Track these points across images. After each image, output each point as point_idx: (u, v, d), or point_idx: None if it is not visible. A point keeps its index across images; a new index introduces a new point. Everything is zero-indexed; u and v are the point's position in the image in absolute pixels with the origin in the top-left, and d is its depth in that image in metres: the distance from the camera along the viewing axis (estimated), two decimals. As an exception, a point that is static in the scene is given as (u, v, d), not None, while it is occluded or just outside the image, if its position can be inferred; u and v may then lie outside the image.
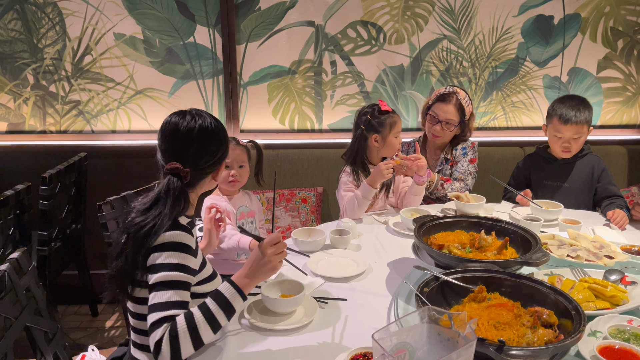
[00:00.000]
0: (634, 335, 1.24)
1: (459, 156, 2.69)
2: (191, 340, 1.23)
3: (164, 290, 1.28)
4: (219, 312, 1.28)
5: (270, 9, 3.04)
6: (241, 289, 1.32)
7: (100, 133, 3.19)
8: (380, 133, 2.37)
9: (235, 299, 1.31)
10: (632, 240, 1.93)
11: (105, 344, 2.76)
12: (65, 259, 2.78)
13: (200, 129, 1.42)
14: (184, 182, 1.41)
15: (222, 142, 1.48)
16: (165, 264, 1.31)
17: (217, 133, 1.46)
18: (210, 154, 1.44)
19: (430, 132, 2.65)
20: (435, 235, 1.74)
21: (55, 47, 3.05)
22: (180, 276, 1.31)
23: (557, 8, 3.11)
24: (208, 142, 1.44)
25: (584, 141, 2.45)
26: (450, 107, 2.57)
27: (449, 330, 1.04)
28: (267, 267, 1.35)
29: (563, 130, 2.39)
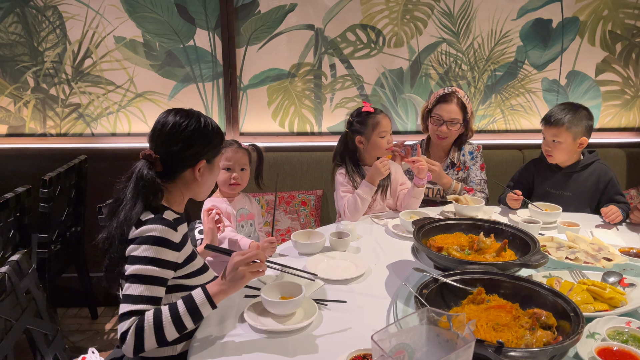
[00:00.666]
0: (632, 337, 1.25)
1: (467, 161, 2.67)
2: (155, 337, 1.29)
3: (137, 283, 1.33)
4: (186, 316, 1.32)
5: (270, 12, 3.05)
6: (212, 297, 1.35)
7: (100, 136, 3.20)
8: (364, 134, 2.39)
9: (204, 307, 1.34)
10: (631, 242, 1.94)
11: (105, 347, 2.76)
12: (65, 261, 2.78)
13: (175, 122, 1.48)
14: (154, 169, 1.45)
15: (200, 136, 1.49)
16: (141, 257, 1.35)
17: (197, 128, 1.49)
18: (182, 144, 1.47)
19: (435, 134, 2.62)
20: (435, 238, 1.74)
21: (56, 51, 3.06)
22: (155, 271, 1.35)
23: (556, 11, 3.13)
24: (182, 133, 1.47)
25: (568, 148, 2.36)
26: (453, 106, 2.56)
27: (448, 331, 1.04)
28: (240, 282, 1.36)
29: (544, 130, 2.40)
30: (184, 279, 1.46)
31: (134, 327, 1.28)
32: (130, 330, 1.27)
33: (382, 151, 2.39)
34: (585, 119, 2.36)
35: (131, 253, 1.36)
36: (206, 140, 1.52)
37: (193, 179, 1.53)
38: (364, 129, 2.38)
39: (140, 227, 1.38)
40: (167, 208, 1.49)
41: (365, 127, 2.37)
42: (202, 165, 1.53)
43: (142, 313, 1.30)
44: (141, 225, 1.39)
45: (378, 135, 2.37)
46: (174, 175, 1.51)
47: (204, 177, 1.55)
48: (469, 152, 2.69)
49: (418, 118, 3.26)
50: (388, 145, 2.39)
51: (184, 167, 1.51)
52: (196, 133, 1.49)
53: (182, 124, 1.48)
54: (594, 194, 2.42)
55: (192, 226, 2.56)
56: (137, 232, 1.38)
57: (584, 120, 2.35)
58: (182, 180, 1.53)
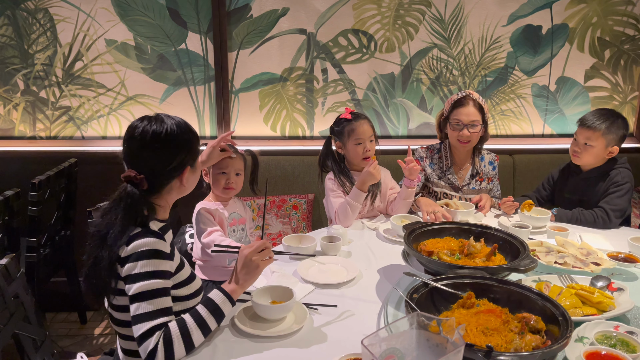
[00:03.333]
0: (620, 341, 1.26)
1: (489, 172, 2.63)
2: (184, 345, 1.28)
3: (145, 300, 1.30)
4: (210, 317, 1.34)
5: (262, 16, 3.06)
6: (230, 294, 1.38)
7: (90, 139, 3.18)
8: (341, 141, 2.39)
9: (225, 305, 1.37)
10: (619, 247, 1.96)
11: (94, 352, 2.74)
12: (54, 265, 2.76)
13: (153, 133, 1.40)
14: (141, 188, 1.39)
15: (180, 147, 1.44)
16: (141, 273, 1.32)
17: (174, 139, 1.42)
18: (166, 159, 1.41)
19: (457, 139, 2.53)
20: (425, 242, 1.75)
21: (46, 53, 3.04)
22: (159, 283, 1.33)
23: (546, 18, 3.16)
24: (162, 148, 1.41)
25: (597, 153, 2.35)
26: (470, 108, 2.49)
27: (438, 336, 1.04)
28: (254, 272, 1.42)
29: (577, 131, 2.40)
30: (173, 289, 1.44)
31: (162, 341, 1.26)
32: (158, 344, 1.25)
33: (358, 158, 2.36)
34: (622, 128, 2.35)
35: (130, 272, 1.33)
36: (187, 146, 1.46)
37: (179, 186, 1.49)
38: (342, 136, 2.38)
39: (130, 244, 1.35)
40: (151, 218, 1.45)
41: (342, 134, 2.37)
42: (187, 172, 1.48)
43: (163, 326, 1.28)
44: (131, 242, 1.35)
45: (354, 143, 2.35)
46: (161, 189, 1.46)
47: (189, 182, 1.51)
48: (489, 162, 2.64)
49: (410, 122, 3.28)
50: (365, 153, 2.34)
51: (171, 179, 1.46)
52: (175, 142, 1.43)
53: (161, 134, 1.40)
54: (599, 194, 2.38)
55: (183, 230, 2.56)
56: (130, 250, 1.34)
57: (621, 129, 2.34)
58: (168, 190, 1.48)
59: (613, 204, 2.29)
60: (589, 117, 2.38)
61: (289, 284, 1.61)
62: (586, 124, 2.35)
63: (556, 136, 3.36)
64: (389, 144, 3.18)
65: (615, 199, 2.30)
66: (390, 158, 2.75)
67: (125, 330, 1.44)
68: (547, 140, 3.35)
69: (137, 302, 1.30)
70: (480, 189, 2.60)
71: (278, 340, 1.36)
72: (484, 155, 2.65)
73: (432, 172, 2.60)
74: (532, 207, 2.27)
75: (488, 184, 2.62)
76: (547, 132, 3.37)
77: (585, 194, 2.42)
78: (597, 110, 2.42)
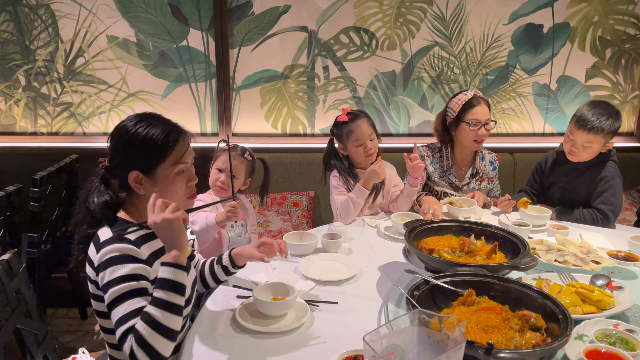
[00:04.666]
0: (619, 339, 1.26)
1: (490, 172, 2.62)
2: (161, 335, 1.20)
3: (118, 305, 1.25)
4: (171, 295, 1.24)
5: (263, 13, 3.06)
6: (175, 262, 1.27)
7: (92, 135, 3.19)
8: (342, 143, 2.40)
9: (177, 274, 1.27)
10: (619, 245, 1.96)
11: (94, 347, 2.75)
12: (55, 261, 2.76)
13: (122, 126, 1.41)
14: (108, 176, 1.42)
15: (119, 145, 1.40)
16: (111, 280, 1.27)
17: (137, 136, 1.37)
18: (123, 154, 1.39)
19: (474, 140, 2.50)
20: (426, 240, 1.75)
21: (48, 49, 3.04)
22: (130, 286, 1.27)
23: (547, 17, 3.16)
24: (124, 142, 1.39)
25: (596, 151, 2.28)
26: (484, 106, 2.48)
27: (439, 333, 1.05)
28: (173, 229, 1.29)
29: (575, 134, 2.26)
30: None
31: (134, 341, 1.19)
32: (133, 345, 1.18)
33: (361, 158, 2.35)
34: (618, 122, 2.26)
35: (103, 281, 1.28)
36: (134, 142, 1.38)
37: (139, 189, 1.41)
38: (342, 138, 2.38)
39: (100, 251, 1.31)
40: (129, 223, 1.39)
41: (342, 136, 2.37)
42: (137, 178, 1.39)
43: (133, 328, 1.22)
44: (101, 247, 1.31)
45: (354, 144, 2.34)
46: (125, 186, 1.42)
47: (146, 189, 1.41)
48: (490, 162, 2.64)
49: (410, 121, 3.28)
50: (367, 151, 2.33)
51: (123, 176, 1.41)
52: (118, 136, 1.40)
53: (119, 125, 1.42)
54: (590, 189, 2.36)
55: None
56: (99, 257, 1.30)
57: (618, 124, 2.25)
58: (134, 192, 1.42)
59: (610, 203, 2.28)
60: (588, 117, 2.22)
61: (290, 281, 1.62)
62: (587, 127, 2.21)
63: (557, 135, 3.36)
64: (390, 142, 3.19)
65: (611, 198, 2.29)
66: (391, 156, 2.76)
67: (111, 337, 1.41)
68: (547, 139, 3.35)
69: (113, 309, 1.25)
70: (480, 188, 2.60)
71: (279, 337, 1.37)
72: (484, 155, 2.65)
73: (433, 171, 2.60)
74: (527, 204, 2.26)
75: (488, 184, 2.62)
76: (547, 130, 3.37)
77: (572, 183, 2.40)
78: (593, 110, 2.25)
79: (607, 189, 2.29)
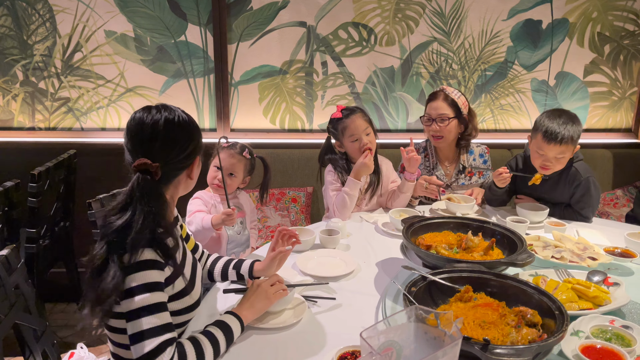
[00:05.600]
0: (615, 335, 1.27)
1: (480, 165, 2.61)
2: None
3: (147, 315, 1.19)
4: (222, 337, 1.29)
5: (262, 9, 3.05)
6: (242, 319, 1.36)
7: (90, 130, 3.18)
8: (338, 139, 2.40)
9: (236, 328, 1.34)
10: (615, 242, 1.97)
11: (93, 342, 2.76)
12: (54, 256, 2.77)
13: (166, 120, 1.33)
14: (155, 178, 1.30)
15: (192, 135, 1.38)
16: (140, 285, 1.21)
17: (187, 126, 1.37)
18: (180, 146, 1.34)
19: (430, 135, 2.54)
20: (423, 236, 1.76)
21: (45, 44, 3.03)
22: (158, 296, 1.24)
23: (546, 13, 3.16)
24: (176, 134, 1.34)
25: (567, 159, 2.25)
26: (439, 102, 2.48)
27: (436, 329, 1.06)
28: (264, 302, 1.42)
29: (546, 148, 2.19)
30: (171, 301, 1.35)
31: (177, 356, 1.18)
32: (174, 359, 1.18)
33: (358, 154, 2.34)
34: (581, 126, 2.23)
35: (129, 285, 1.21)
36: (198, 135, 1.40)
37: (186, 179, 1.41)
38: (337, 134, 2.38)
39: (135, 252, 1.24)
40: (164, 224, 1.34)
41: (337, 132, 2.38)
42: (197, 163, 1.42)
43: (174, 341, 1.20)
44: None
45: (349, 140, 2.34)
46: (171, 180, 1.38)
47: (196, 175, 1.44)
48: (479, 155, 2.63)
49: (409, 116, 3.28)
50: (363, 147, 2.32)
51: (182, 169, 1.38)
52: (188, 129, 1.37)
53: (174, 121, 1.35)
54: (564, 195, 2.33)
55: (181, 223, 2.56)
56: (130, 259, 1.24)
57: (580, 127, 2.22)
58: (174, 184, 1.39)
59: (590, 205, 2.27)
60: (554, 128, 2.15)
61: (288, 277, 1.63)
62: (557, 139, 2.14)
63: (555, 131, 3.36)
64: (388, 138, 3.19)
65: (590, 200, 2.26)
66: (389, 152, 2.76)
67: (117, 337, 1.38)
68: (545, 135, 3.35)
69: (138, 317, 1.19)
70: (471, 183, 2.60)
71: (277, 332, 1.38)
72: (473, 149, 2.64)
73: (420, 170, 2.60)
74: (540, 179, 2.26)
75: (479, 178, 2.62)
76: (545, 127, 3.37)
77: (547, 192, 2.36)
78: (555, 121, 2.17)
79: (585, 193, 2.27)
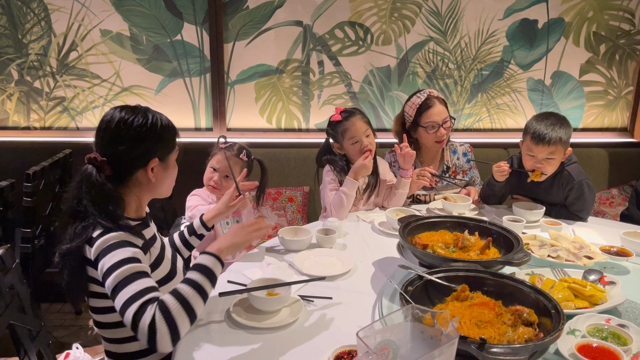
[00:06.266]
0: (611, 334, 1.27)
1: (464, 164, 2.62)
2: (185, 313, 1.21)
3: (126, 286, 1.22)
4: (204, 280, 1.28)
5: (258, 8, 3.04)
6: (218, 255, 1.36)
7: (85, 130, 3.17)
8: (338, 142, 2.39)
9: (216, 266, 1.33)
10: (611, 241, 1.97)
11: (88, 343, 2.75)
12: (49, 256, 2.75)
13: (121, 118, 1.39)
14: (103, 173, 1.37)
15: (147, 135, 1.40)
16: (113, 264, 1.25)
17: (142, 126, 1.39)
18: (130, 145, 1.38)
19: (434, 141, 2.52)
20: (420, 235, 1.76)
21: (41, 43, 3.02)
22: (135, 267, 1.26)
23: (542, 12, 3.16)
24: (125, 133, 1.38)
25: (558, 162, 2.25)
26: (439, 107, 2.48)
27: (432, 328, 1.05)
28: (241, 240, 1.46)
29: (535, 150, 2.22)
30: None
31: (158, 310, 1.18)
32: (155, 316, 1.17)
33: (356, 156, 2.33)
34: (571, 128, 2.25)
35: (103, 269, 1.26)
36: (156, 136, 1.41)
37: (147, 181, 1.44)
38: (337, 137, 2.37)
39: (94, 244, 1.30)
40: (120, 214, 1.38)
41: (337, 135, 2.37)
42: (155, 165, 1.43)
43: (155, 300, 1.20)
44: (94, 242, 1.30)
45: (349, 143, 2.33)
46: (126, 177, 1.41)
47: (158, 177, 1.45)
48: (463, 154, 2.63)
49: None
50: (364, 148, 2.31)
51: (135, 167, 1.41)
52: (144, 129, 1.39)
53: (128, 120, 1.38)
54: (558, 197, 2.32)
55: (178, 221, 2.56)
56: (95, 249, 1.30)
57: (570, 130, 2.24)
58: (136, 183, 1.43)
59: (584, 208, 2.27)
60: (542, 130, 2.18)
61: (285, 276, 1.62)
62: (545, 140, 2.17)
63: (551, 130, 3.37)
64: (385, 137, 3.18)
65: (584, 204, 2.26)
66: (386, 151, 2.76)
67: (107, 332, 1.44)
68: (541, 135, 3.36)
69: (118, 291, 1.22)
70: (456, 182, 2.60)
71: (273, 332, 1.37)
72: (456, 148, 2.64)
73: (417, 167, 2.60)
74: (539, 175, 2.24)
75: (464, 177, 2.63)
76: (541, 126, 3.38)
77: (542, 194, 2.36)
78: (543, 122, 2.21)
79: (579, 196, 2.26)
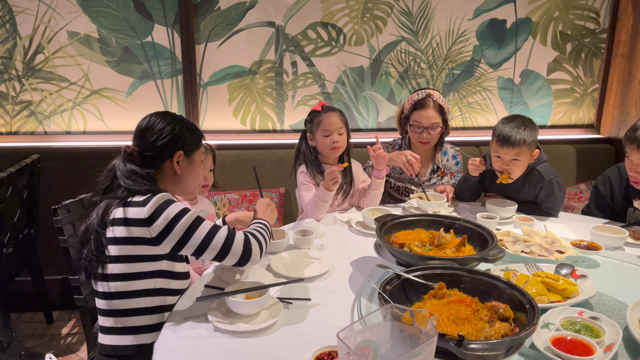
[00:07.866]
0: (584, 327, 1.31)
1: (452, 167, 2.65)
2: (265, 240, 1.60)
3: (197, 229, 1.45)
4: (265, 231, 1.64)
5: (229, 9, 3.02)
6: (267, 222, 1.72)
7: (53, 134, 3.09)
8: (312, 132, 2.40)
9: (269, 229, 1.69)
10: (581, 235, 2.02)
11: (61, 352, 2.68)
12: (18, 264, 2.68)
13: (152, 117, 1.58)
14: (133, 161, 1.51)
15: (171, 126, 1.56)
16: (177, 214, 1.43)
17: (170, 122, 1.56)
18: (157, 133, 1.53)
19: (417, 140, 2.56)
20: (396, 234, 1.77)
21: (5, 46, 2.93)
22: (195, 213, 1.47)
23: (510, 12, 3.22)
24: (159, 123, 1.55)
25: (525, 163, 2.29)
26: (430, 111, 2.49)
27: (411, 327, 1.06)
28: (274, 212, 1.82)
29: (501, 151, 2.26)
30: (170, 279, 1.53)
31: (250, 236, 1.53)
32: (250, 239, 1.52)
33: (326, 150, 2.36)
34: (536, 131, 2.29)
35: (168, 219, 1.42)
36: (181, 131, 1.57)
37: (173, 172, 1.58)
38: (312, 127, 2.39)
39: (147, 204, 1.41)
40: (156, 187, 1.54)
41: (313, 125, 2.38)
42: (179, 157, 1.57)
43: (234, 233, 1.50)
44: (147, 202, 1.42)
45: (322, 134, 2.35)
46: (154, 166, 1.54)
47: (183, 170, 1.59)
48: (452, 157, 2.66)
49: (379, 115, 3.31)
50: (333, 144, 2.33)
51: (163, 157, 1.55)
52: (171, 123, 1.56)
53: (158, 117, 1.57)
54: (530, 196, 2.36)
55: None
56: (148, 209, 1.41)
57: (536, 131, 2.29)
58: (162, 174, 1.57)
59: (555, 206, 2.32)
60: (507, 132, 2.22)
61: (263, 279, 1.61)
62: (510, 142, 2.21)
63: (521, 128, 3.44)
64: (359, 137, 3.20)
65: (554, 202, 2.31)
66: (360, 151, 2.78)
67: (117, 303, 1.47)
68: (512, 132, 3.42)
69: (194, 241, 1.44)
70: (442, 183, 2.63)
71: (253, 336, 1.36)
72: (447, 150, 2.68)
73: (393, 167, 2.62)
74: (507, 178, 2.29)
75: (451, 179, 2.66)
76: (512, 124, 3.44)
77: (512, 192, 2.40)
78: (508, 125, 2.25)
79: (549, 194, 2.31)
